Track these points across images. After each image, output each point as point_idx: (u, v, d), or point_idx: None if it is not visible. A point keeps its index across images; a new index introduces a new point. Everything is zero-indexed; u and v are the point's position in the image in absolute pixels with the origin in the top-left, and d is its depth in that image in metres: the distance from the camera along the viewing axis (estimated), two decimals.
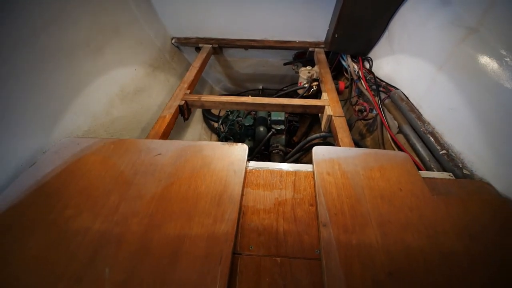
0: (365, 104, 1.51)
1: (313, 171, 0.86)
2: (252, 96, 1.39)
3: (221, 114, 2.12)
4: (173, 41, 1.97)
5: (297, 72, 1.87)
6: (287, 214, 0.75)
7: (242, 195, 0.78)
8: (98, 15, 1.27)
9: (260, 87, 2.51)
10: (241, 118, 1.78)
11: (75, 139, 0.96)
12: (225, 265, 0.60)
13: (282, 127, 1.55)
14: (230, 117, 1.84)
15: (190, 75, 1.54)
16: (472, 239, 0.68)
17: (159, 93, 1.74)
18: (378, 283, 0.59)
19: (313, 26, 1.85)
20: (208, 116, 2.17)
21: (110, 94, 1.31)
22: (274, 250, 0.66)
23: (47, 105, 1.00)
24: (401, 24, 1.42)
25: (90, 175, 0.82)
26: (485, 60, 0.92)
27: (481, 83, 0.93)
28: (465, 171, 0.95)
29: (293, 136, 1.98)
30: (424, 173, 0.91)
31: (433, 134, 1.10)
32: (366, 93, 1.53)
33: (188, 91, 1.40)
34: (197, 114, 2.32)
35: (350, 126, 1.77)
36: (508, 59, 0.86)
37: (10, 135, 0.87)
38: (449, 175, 0.93)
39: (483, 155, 0.92)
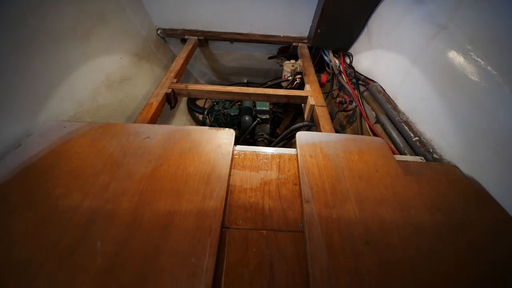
0: (346, 97, 1.57)
1: (297, 154, 0.90)
2: None
3: (206, 106, 2.13)
4: (158, 31, 1.95)
5: (281, 66, 1.92)
6: (273, 192, 0.79)
7: (229, 175, 0.81)
8: (85, 1, 1.24)
9: (245, 80, 2.53)
10: (226, 109, 1.80)
11: (62, 122, 0.94)
12: (214, 237, 0.63)
13: (267, 116, 1.59)
14: (216, 108, 1.85)
15: (177, 64, 1.54)
16: (440, 213, 0.75)
17: (145, 83, 1.72)
18: (356, 251, 0.64)
19: (297, 22, 1.89)
20: (193, 107, 2.17)
21: (96, 81, 1.29)
22: (260, 224, 0.70)
23: (33, 89, 0.97)
24: (379, 22, 1.49)
25: (78, 157, 0.82)
26: (453, 55, 1.00)
27: (450, 75, 1.00)
28: (435, 156, 1.02)
29: (276, 128, 2.03)
30: (398, 157, 0.97)
31: (407, 123, 1.18)
32: (347, 86, 1.60)
33: (175, 80, 1.40)
34: (182, 106, 2.31)
35: (332, 117, 1.82)
36: (473, 54, 0.93)
37: None
38: (421, 159, 1.00)
39: (451, 141, 0.99)
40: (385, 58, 1.42)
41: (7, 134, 0.88)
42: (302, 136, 0.95)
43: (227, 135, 0.93)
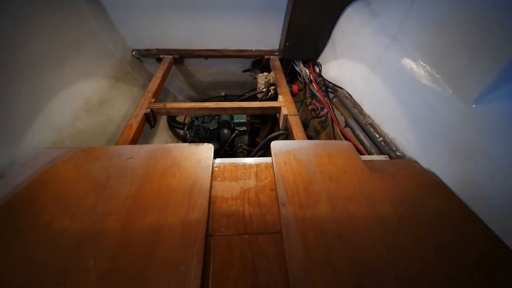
0: (317, 104, 1.68)
1: (272, 162, 0.97)
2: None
3: (186, 121, 2.18)
4: (133, 52, 2.00)
5: (256, 78, 2.01)
6: (252, 199, 0.85)
7: (211, 187, 0.87)
8: (58, 29, 1.28)
9: (223, 93, 2.61)
10: (206, 124, 1.86)
11: (44, 150, 0.97)
12: (199, 246, 0.68)
13: (245, 128, 1.67)
14: (196, 123, 1.91)
15: (154, 84, 1.60)
16: (401, 204, 0.84)
17: (123, 104, 1.75)
18: (329, 245, 0.71)
19: (267, 36, 2.00)
20: (173, 124, 2.22)
21: (74, 107, 1.31)
22: (242, 229, 0.76)
23: (12, 119, 0.99)
24: (340, 34, 1.62)
25: (63, 182, 0.85)
26: (405, 62, 1.12)
27: (403, 80, 1.12)
28: (398, 153, 1.13)
29: (256, 137, 2.10)
30: (365, 157, 1.07)
31: (372, 125, 1.29)
32: (317, 94, 1.71)
33: (153, 100, 1.45)
34: (163, 122, 2.35)
35: (306, 124, 1.94)
36: (420, 61, 1.06)
37: None
38: (385, 157, 1.11)
39: (411, 139, 1.10)
40: (348, 66, 1.54)
41: None
42: (276, 145, 1.03)
43: (207, 149, 1.00)
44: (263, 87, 1.85)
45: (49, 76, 1.20)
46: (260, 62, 2.19)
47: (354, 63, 1.47)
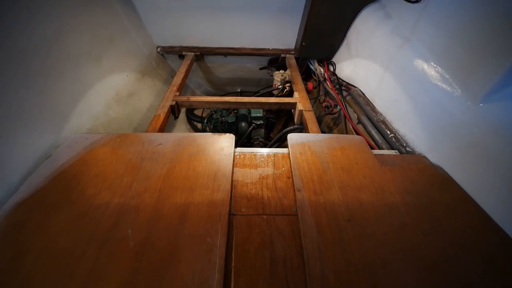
0: (331, 101, 1.72)
1: (289, 153, 1.03)
2: None
3: (203, 115, 2.26)
4: (158, 49, 2.08)
5: (272, 76, 2.06)
6: (270, 185, 0.92)
7: (232, 172, 0.93)
8: (96, 28, 1.37)
9: (239, 90, 2.67)
10: (224, 117, 1.93)
11: (84, 134, 1.06)
12: (224, 222, 0.75)
13: (261, 122, 1.73)
14: (214, 116, 1.98)
15: (178, 79, 1.68)
16: (409, 194, 0.88)
17: (148, 97, 1.84)
18: (339, 227, 0.76)
19: (284, 35, 2.05)
20: (191, 117, 2.30)
21: (107, 97, 1.41)
22: (261, 210, 0.82)
23: (57, 107, 1.09)
24: (356, 34, 1.65)
25: (102, 163, 0.94)
26: (417, 62, 1.15)
27: (415, 79, 1.15)
28: (408, 149, 1.17)
29: (270, 132, 2.16)
30: (376, 151, 1.11)
31: (384, 122, 1.32)
32: (331, 92, 1.74)
33: (178, 93, 1.53)
34: (181, 115, 2.43)
35: (319, 121, 1.97)
36: (431, 62, 1.08)
37: (28, 132, 0.96)
38: (396, 152, 1.14)
39: (421, 135, 1.14)
40: (362, 65, 1.57)
41: (38, 147, 0.99)
42: (293, 138, 1.08)
43: (228, 139, 1.06)
44: (279, 84, 1.90)
45: (88, 70, 1.30)
46: (276, 61, 2.24)
47: (368, 62, 1.50)
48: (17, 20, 0.97)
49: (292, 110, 1.59)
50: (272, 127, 2.14)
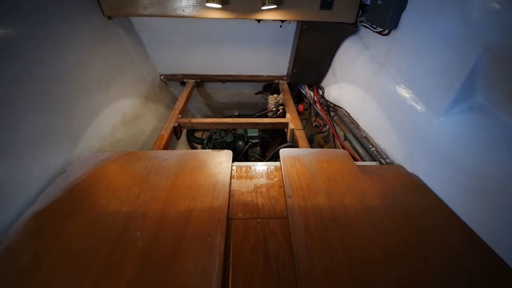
0: (320, 121, 1.86)
1: (281, 165, 1.13)
2: None
3: (203, 137, 2.38)
4: (161, 77, 2.25)
5: (266, 99, 2.22)
6: (264, 193, 1.01)
7: (230, 183, 1.03)
8: (108, 59, 1.53)
9: (236, 113, 2.82)
10: (223, 137, 2.05)
11: (95, 152, 1.16)
12: (222, 225, 0.84)
13: (257, 140, 1.84)
14: (214, 137, 2.10)
15: (180, 103, 1.81)
16: (387, 198, 0.97)
17: (151, 120, 1.97)
18: (325, 227, 0.85)
19: (277, 63, 2.23)
20: (192, 139, 2.41)
21: (115, 120, 1.53)
22: (256, 214, 0.91)
23: (71, 128, 1.20)
24: (340, 62, 1.83)
25: (112, 177, 1.03)
26: (391, 85, 1.29)
27: (391, 99, 1.29)
28: (387, 161, 1.27)
29: (266, 151, 2.27)
30: (358, 163, 1.22)
31: (366, 138, 1.44)
32: (320, 113, 1.88)
33: (180, 116, 1.66)
34: (183, 138, 2.55)
35: (311, 139, 2.10)
36: (402, 84, 1.23)
37: (46, 151, 1.06)
38: (376, 163, 1.25)
39: (398, 148, 1.25)
40: (347, 89, 1.72)
41: (54, 163, 1.09)
42: (284, 152, 1.19)
43: (226, 154, 1.17)
44: (273, 106, 2.05)
45: (99, 96, 1.43)
46: (270, 86, 2.41)
47: (351, 86, 1.66)
48: (46, 54, 1.11)
49: (285, 129, 1.71)
50: (268, 146, 2.26)
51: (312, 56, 1.92)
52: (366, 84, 1.50)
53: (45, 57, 1.11)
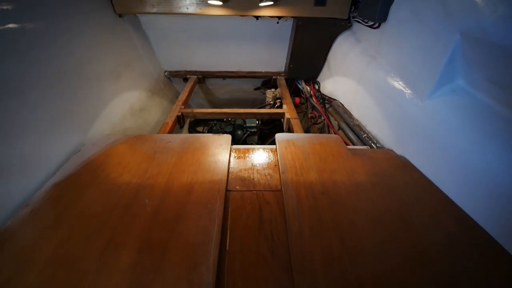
0: (315, 113, 1.94)
1: (276, 147, 1.21)
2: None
3: (204, 130, 2.47)
4: (165, 73, 2.35)
5: (264, 93, 2.31)
6: (260, 170, 1.09)
7: (229, 162, 1.11)
8: (117, 53, 1.63)
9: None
10: (223, 128, 2.14)
11: (106, 135, 1.25)
12: (221, 194, 0.92)
13: (255, 130, 1.93)
14: (214, 128, 2.18)
15: (183, 96, 1.91)
16: (375, 175, 1.05)
17: (156, 112, 2.06)
18: (315, 198, 0.93)
19: (274, 60, 2.32)
20: (193, 131, 2.50)
21: (123, 110, 1.62)
22: (252, 188, 0.99)
23: (86, 114, 1.29)
24: (334, 57, 1.92)
25: (122, 155, 1.12)
26: (381, 74, 1.38)
27: (381, 88, 1.37)
28: (378, 145, 1.35)
29: (264, 142, 2.36)
30: (350, 147, 1.30)
31: (359, 126, 1.52)
32: (316, 105, 1.97)
33: (183, 106, 1.75)
34: (184, 131, 2.64)
35: (307, 131, 2.18)
36: (391, 73, 1.31)
37: (65, 132, 1.15)
38: (367, 147, 1.33)
39: (388, 134, 1.33)
40: (341, 82, 1.81)
41: (70, 143, 1.18)
42: (279, 136, 1.27)
43: (226, 138, 1.25)
44: (270, 100, 2.13)
45: (110, 86, 1.52)
46: (268, 82, 2.50)
47: (345, 79, 1.74)
48: (65, 45, 1.22)
49: (282, 119, 1.80)
50: (265, 138, 2.35)
51: (308, 52, 2.01)
52: (358, 76, 1.58)
53: (64, 48, 1.21)
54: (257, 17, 1.82)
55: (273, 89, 2.21)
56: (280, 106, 2.09)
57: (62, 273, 0.68)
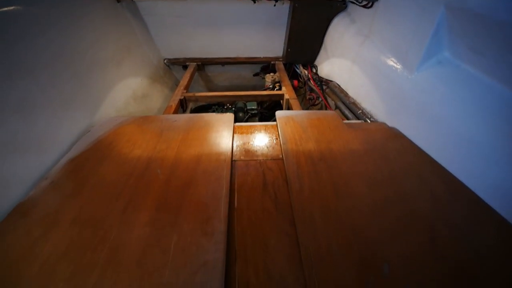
0: (313, 95, 2.01)
1: (277, 123, 1.29)
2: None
3: None
4: (165, 61, 2.40)
5: (264, 78, 2.37)
6: (262, 143, 1.17)
7: (233, 136, 1.19)
8: (118, 40, 1.68)
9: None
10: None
11: (114, 117, 1.32)
12: (227, 163, 1.00)
13: (256, 112, 2.01)
14: (216, 112, 2.25)
15: (184, 81, 1.97)
16: (367, 143, 1.13)
17: (158, 99, 2.13)
18: (314, 163, 1.01)
19: (273, 45, 2.38)
20: None
21: (126, 95, 1.68)
22: (255, 157, 1.07)
23: (92, 97, 1.36)
24: (330, 39, 1.98)
25: (131, 134, 1.19)
26: (375, 54, 1.45)
27: (374, 66, 1.44)
28: (372, 119, 1.43)
29: None
30: (345, 121, 1.38)
31: (354, 103, 1.60)
32: (314, 87, 2.04)
33: (185, 91, 1.82)
34: None
35: None
36: (384, 51, 1.38)
37: (74, 113, 1.22)
38: (361, 121, 1.41)
39: (381, 109, 1.41)
40: (337, 63, 1.88)
41: (80, 124, 1.25)
42: (279, 113, 1.35)
43: (229, 116, 1.32)
44: (269, 84, 2.20)
45: (112, 72, 1.58)
46: (267, 68, 2.56)
47: (341, 60, 1.81)
48: (67, 29, 1.27)
49: (281, 101, 1.87)
50: (266, 120, 2.43)
51: (305, 35, 2.07)
52: (353, 56, 1.65)
53: (67, 32, 1.27)
54: (254, 0, 1.87)
55: (272, 73, 2.27)
56: (280, 90, 2.16)
57: (88, 229, 0.76)
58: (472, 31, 0.91)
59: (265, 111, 2.24)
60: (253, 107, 1.90)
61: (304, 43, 2.13)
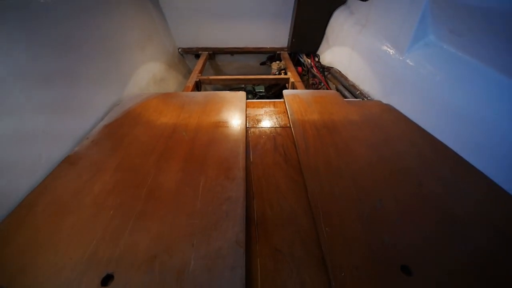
0: (316, 80, 2.10)
1: (284, 100, 1.38)
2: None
3: None
4: (179, 50, 2.49)
5: (270, 65, 2.46)
6: (272, 115, 1.27)
7: (246, 110, 1.28)
8: (141, 27, 1.78)
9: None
10: None
11: (139, 93, 1.43)
12: (243, 130, 1.10)
13: (263, 94, 2.11)
14: None
15: (198, 66, 2.07)
16: (365, 116, 1.23)
17: (173, 84, 2.22)
18: (318, 130, 1.11)
19: (278, 36, 2.46)
20: None
21: (148, 77, 1.78)
22: (266, 125, 1.17)
23: (121, 76, 1.46)
24: (331, 30, 2.06)
25: (156, 106, 1.29)
26: (371, 40, 1.53)
27: (371, 51, 1.53)
28: (369, 99, 1.52)
29: None
30: (345, 100, 1.47)
31: (353, 85, 1.69)
32: (316, 74, 2.12)
33: (200, 74, 1.91)
34: None
35: None
36: (381, 38, 1.46)
37: (107, 88, 1.33)
38: (360, 100, 1.50)
39: (377, 88, 1.50)
40: (337, 51, 1.96)
41: (112, 98, 1.35)
42: (286, 91, 1.44)
43: (241, 93, 1.42)
44: (275, 71, 2.29)
45: (137, 55, 1.68)
46: (273, 57, 2.64)
47: (341, 48, 1.89)
48: (103, 19, 1.37)
49: (286, 84, 1.96)
50: None
51: (308, 26, 2.15)
52: (352, 43, 1.73)
53: (101, 14, 1.37)
54: None
55: (277, 61, 2.36)
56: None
57: (130, 173, 0.87)
58: (453, 16, 0.99)
59: (272, 96, 2.34)
60: (261, 90, 2.00)
61: (308, 34, 2.21)
